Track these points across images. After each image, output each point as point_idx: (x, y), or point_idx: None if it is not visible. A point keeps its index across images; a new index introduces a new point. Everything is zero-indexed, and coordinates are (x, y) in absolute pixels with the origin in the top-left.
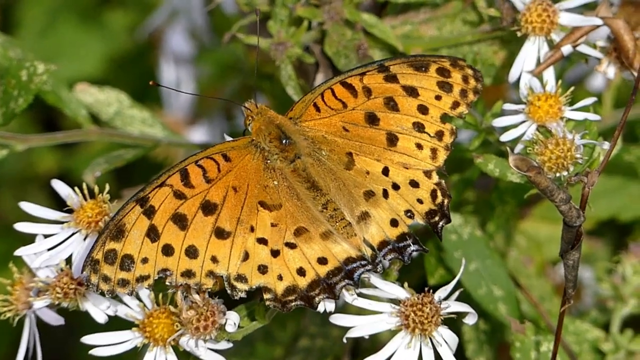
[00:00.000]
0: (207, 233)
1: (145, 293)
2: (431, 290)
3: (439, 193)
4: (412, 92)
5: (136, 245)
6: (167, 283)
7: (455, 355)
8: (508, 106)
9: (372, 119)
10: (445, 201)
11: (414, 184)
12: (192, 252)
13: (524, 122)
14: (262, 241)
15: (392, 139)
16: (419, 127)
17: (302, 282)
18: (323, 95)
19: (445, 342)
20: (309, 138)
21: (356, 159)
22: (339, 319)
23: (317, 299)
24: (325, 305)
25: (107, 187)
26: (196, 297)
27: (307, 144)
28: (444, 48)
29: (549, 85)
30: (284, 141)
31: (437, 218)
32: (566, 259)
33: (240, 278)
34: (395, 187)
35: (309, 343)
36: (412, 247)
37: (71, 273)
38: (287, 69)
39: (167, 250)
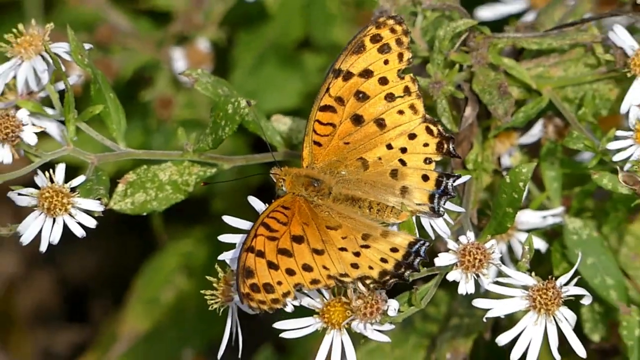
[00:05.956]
0: (309, 254)
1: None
2: (554, 278)
3: (432, 128)
4: (367, 73)
5: (267, 276)
6: (305, 291)
7: (575, 331)
8: (619, 133)
9: (357, 120)
10: (438, 128)
11: (412, 136)
12: (307, 268)
13: (631, 145)
14: (344, 249)
15: (380, 123)
16: (390, 97)
17: (389, 266)
18: (315, 131)
19: (566, 319)
20: (329, 171)
21: (366, 157)
22: (480, 303)
23: (405, 274)
24: (467, 288)
25: None
26: (363, 289)
27: (331, 175)
28: (569, 86)
29: None
30: (315, 184)
31: (445, 144)
32: None
33: (343, 275)
34: (404, 150)
35: (459, 321)
36: (451, 181)
37: None
38: (442, 103)
39: (290, 272)
